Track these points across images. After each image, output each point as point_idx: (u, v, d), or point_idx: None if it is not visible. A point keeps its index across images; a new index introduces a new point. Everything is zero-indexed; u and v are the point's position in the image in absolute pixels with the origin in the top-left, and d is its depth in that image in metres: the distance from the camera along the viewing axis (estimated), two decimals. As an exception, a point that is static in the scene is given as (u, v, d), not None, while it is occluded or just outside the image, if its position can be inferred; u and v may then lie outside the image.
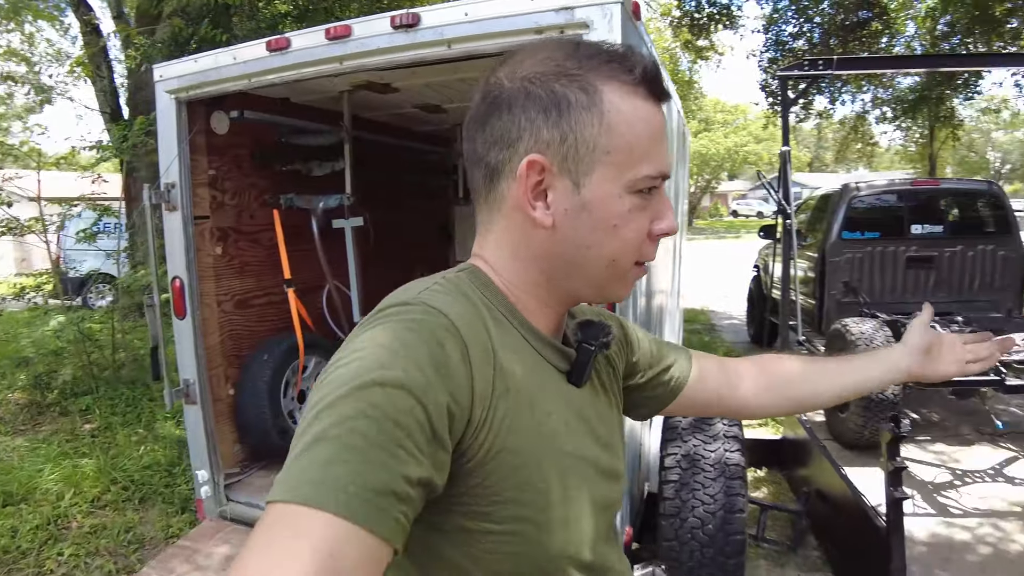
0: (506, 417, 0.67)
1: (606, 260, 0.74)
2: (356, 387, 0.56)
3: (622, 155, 0.71)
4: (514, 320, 0.75)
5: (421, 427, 0.57)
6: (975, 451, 5.05)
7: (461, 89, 3.64)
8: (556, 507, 0.70)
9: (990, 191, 6.37)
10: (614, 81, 0.70)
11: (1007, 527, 3.86)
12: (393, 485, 0.53)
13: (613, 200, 0.72)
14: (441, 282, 0.73)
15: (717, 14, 11.24)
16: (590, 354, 0.80)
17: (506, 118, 0.72)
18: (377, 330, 0.63)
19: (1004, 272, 6.02)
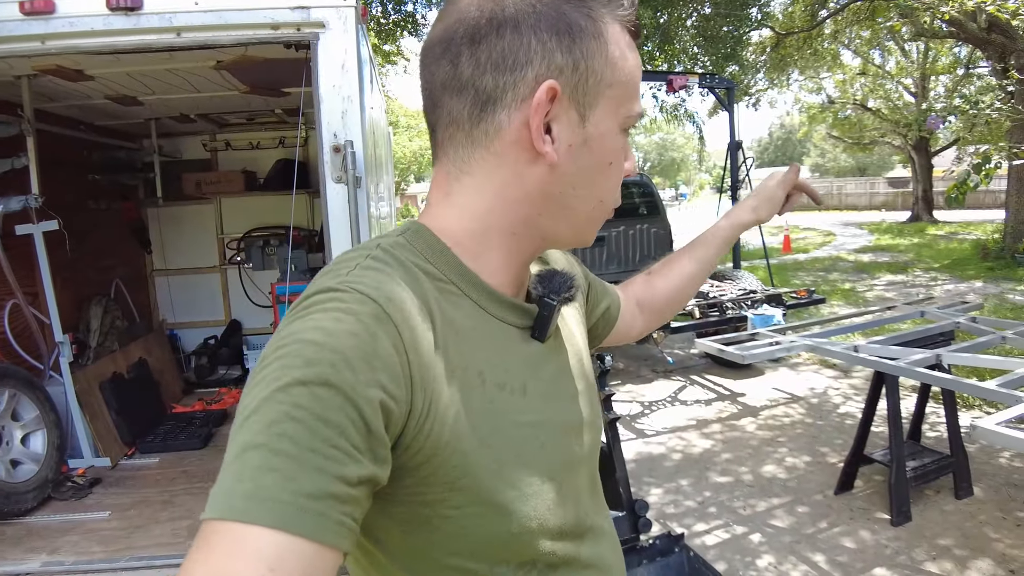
0: (452, 400, 0.62)
1: (596, 200, 0.71)
2: (279, 388, 0.52)
3: (621, 90, 0.67)
4: (466, 285, 0.69)
5: (355, 425, 0.53)
6: (655, 386, 6.32)
7: (166, 80, 3.45)
8: (514, 484, 0.66)
9: (643, 181, 7.80)
10: (615, 12, 0.67)
11: (688, 436, 4.94)
12: (330, 488, 0.50)
13: (611, 136, 0.69)
14: (376, 254, 0.66)
15: (402, 20, 11.74)
16: (552, 308, 0.74)
17: (510, 37, 0.63)
18: (300, 323, 0.58)
19: (658, 244, 7.46)
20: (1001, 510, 3.45)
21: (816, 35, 15.11)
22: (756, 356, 3.21)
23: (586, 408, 0.80)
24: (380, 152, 3.63)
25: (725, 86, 7.65)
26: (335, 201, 2.31)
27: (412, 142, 38.28)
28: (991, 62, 11.54)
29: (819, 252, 16.35)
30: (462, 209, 0.70)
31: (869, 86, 22.61)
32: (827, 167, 47.69)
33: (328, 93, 2.32)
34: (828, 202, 34.76)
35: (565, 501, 0.72)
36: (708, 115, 19.02)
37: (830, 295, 9.58)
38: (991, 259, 12.00)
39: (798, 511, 3.60)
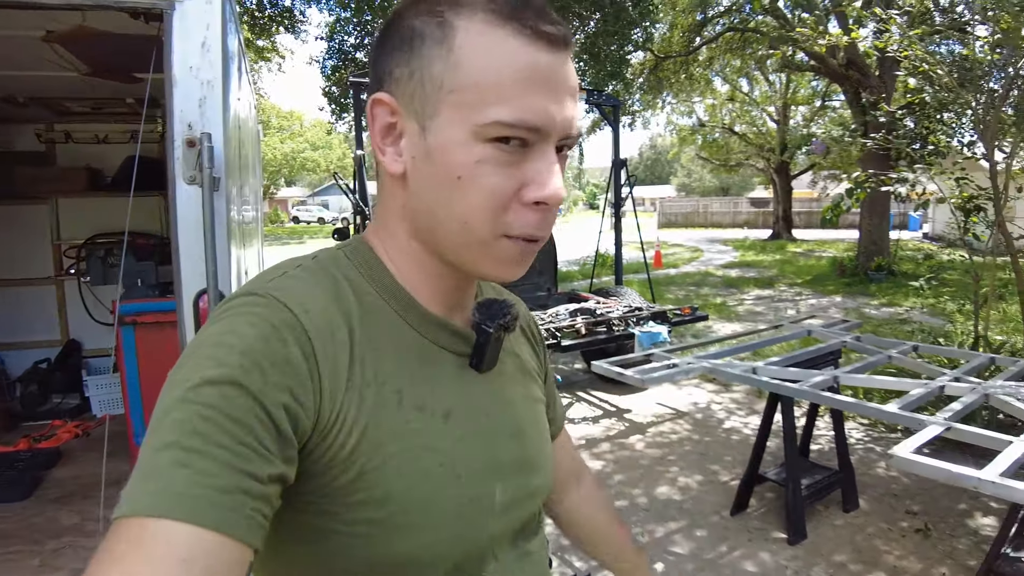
0: (362, 414, 0.62)
1: (456, 222, 0.63)
2: (190, 388, 0.53)
3: (469, 94, 0.60)
4: (396, 302, 0.69)
5: (263, 425, 0.54)
6: None
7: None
8: (412, 510, 0.64)
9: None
10: (476, 12, 0.60)
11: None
12: (241, 483, 0.51)
13: (457, 147, 0.61)
14: (307, 264, 0.68)
15: (279, 15, 11.09)
16: (488, 336, 0.72)
17: (377, 62, 0.67)
18: (218, 325, 0.59)
19: (542, 259, 7.32)
20: (886, 521, 3.51)
21: (692, 60, 15.84)
22: (656, 380, 3.08)
23: (527, 451, 0.77)
24: (247, 152, 3.21)
25: (611, 103, 7.69)
26: (187, 205, 1.92)
27: (284, 144, 36.80)
28: (847, 95, 12.48)
29: (688, 267, 17.01)
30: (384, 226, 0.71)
31: (736, 112, 24.11)
32: (693, 186, 50.47)
33: (183, 76, 1.94)
34: (694, 220, 36.72)
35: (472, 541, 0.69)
36: (587, 132, 19.47)
37: (704, 309, 9.89)
38: (847, 275, 12.93)
39: (696, 535, 3.50)
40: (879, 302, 10.55)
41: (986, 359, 3.34)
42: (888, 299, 10.64)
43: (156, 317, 3.23)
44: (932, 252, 10.80)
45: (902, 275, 12.04)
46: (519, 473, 0.75)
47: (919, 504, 3.68)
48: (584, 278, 13.33)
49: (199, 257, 1.91)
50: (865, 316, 9.26)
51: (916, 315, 8.15)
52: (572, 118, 0.63)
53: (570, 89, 0.63)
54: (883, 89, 10.24)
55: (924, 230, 22.73)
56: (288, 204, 51.49)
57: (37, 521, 3.35)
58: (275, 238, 32.15)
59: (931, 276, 6.60)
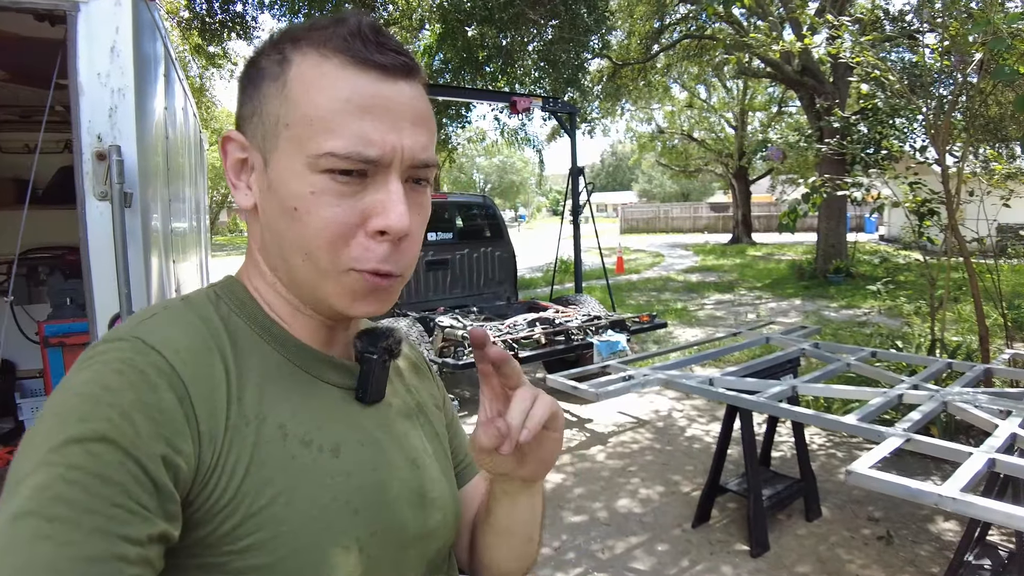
0: (243, 454, 0.59)
1: (296, 252, 0.63)
2: (51, 449, 0.49)
3: (301, 127, 0.60)
4: (271, 338, 0.67)
5: (138, 481, 0.50)
6: None
7: None
8: (307, 551, 0.60)
9: (485, 203, 7.57)
10: (308, 47, 0.62)
11: None
12: (115, 549, 0.47)
13: (293, 178, 0.61)
14: (175, 306, 0.65)
15: (230, 21, 10.82)
16: (372, 364, 0.71)
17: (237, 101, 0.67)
18: (81, 375, 0.55)
19: (501, 268, 7.24)
20: (848, 528, 3.47)
21: (649, 68, 15.94)
22: (610, 393, 2.99)
23: (427, 483, 0.74)
24: (181, 161, 3.03)
25: (568, 111, 7.64)
26: (97, 221, 1.76)
27: (240, 152, 36.17)
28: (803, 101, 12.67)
29: (650, 272, 17.09)
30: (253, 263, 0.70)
31: (695, 118, 24.43)
32: (654, 192, 50.99)
33: (90, 83, 1.78)
34: (655, 226, 37.07)
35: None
36: (547, 140, 19.49)
37: (665, 314, 9.89)
38: (806, 278, 13.10)
39: (658, 549, 3.42)
40: (838, 304, 10.68)
41: (943, 364, 3.33)
42: (847, 301, 10.78)
43: (85, 338, 3.04)
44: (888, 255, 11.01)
45: (860, 277, 12.24)
46: (419, 506, 0.72)
47: (881, 510, 3.65)
48: (547, 285, 13.29)
49: (109, 274, 1.76)
50: (824, 319, 9.35)
51: (875, 317, 8.25)
52: (417, 146, 0.62)
53: (413, 116, 0.62)
54: (837, 95, 10.40)
55: (881, 232, 23.27)
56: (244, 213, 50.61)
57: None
58: (234, 247, 31.54)
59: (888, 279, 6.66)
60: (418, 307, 6.46)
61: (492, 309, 6.65)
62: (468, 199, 8.47)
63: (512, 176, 55.20)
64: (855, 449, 4.58)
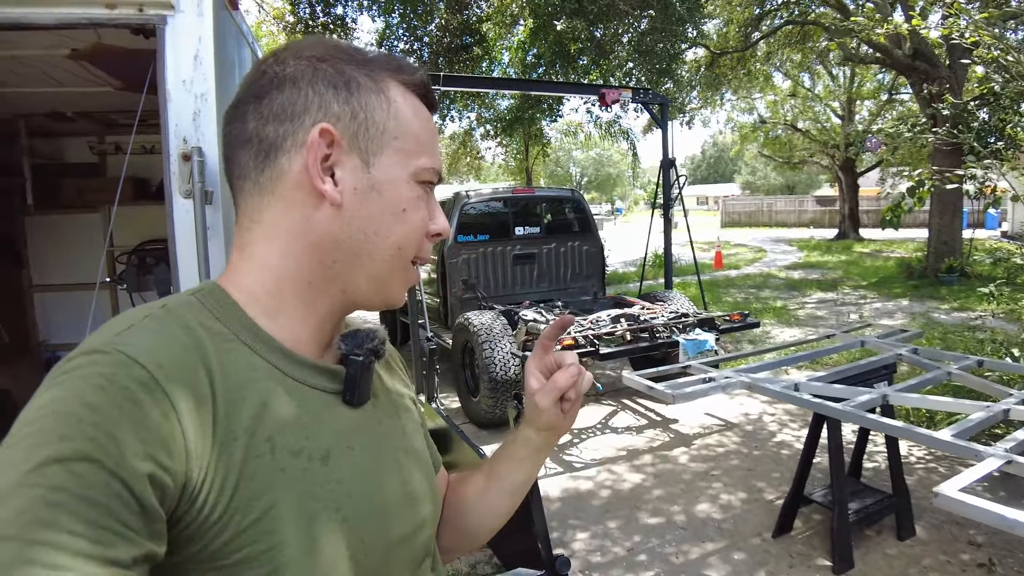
0: (232, 469, 0.58)
1: (392, 247, 0.70)
2: (31, 470, 0.48)
3: (410, 143, 0.71)
4: (258, 345, 0.66)
5: (123, 501, 0.49)
6: (584, 411, 5.90)
7: (16, 70, 2.94)
8: (298, 562, 0.60)
9: (573, 197, 7.53)
10: (398, 77, 0.72)
11: (618, 470, 4.59)
12: (100, 572, 0.46)
13: (402, 184, 0.70)
14: (155, 314, 0.63)
15: (331, 24, 11.26)
16: (359, 366, 0.72)
17: (289, 91, 0.67)
18: (58, 390, 0.53)
19: (589, 263, 7.19)
20: (945, 552, 3.23)
21: (749, 56, 15.35)
22: (688, 396, 2.91)
23: (411, 482, 0.76)
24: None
25: (659, 102, 7.48)
26: (182, 217, 1.89)
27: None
28: (914, 88, 11.84)
29: (750, 268, 16.50)
30: (255, 261, 0.69)
31: (799, 108, 23.30)
32: (757, 185, 49.16)
33: (176, 90, 1.90)
34: (758, 219, 35.71)
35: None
36: (643, 132, 19.14)
37: (762, 313, 9.53)
38: (916, 278, 12.28)
39: (734, 558, 3.31)
40: (949, 306, 9.95)
41: (1060, 377, 3.04)
42: (959, 303, 10.02)
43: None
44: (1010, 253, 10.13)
45: (976, 277, 11.34)
46: (407, 505, 0.74)
47: (984, 534, 3.37)
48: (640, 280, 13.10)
49: (193, 268, 1.88)
50: (933, 321, 8.74)
51: (989, 321, 7.62)
52: None
53: None
54: (953, 80, 9.66)
55: (1003, 228, 21.45)
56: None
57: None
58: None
59: (1004, 279, 6.12)
60: (504, 300, 6.53)
61: (577, 304, 6.61)
62: (556, 193, 8.46)
63: (609, 169, 54.59)
64: (959, 465, 4.26)
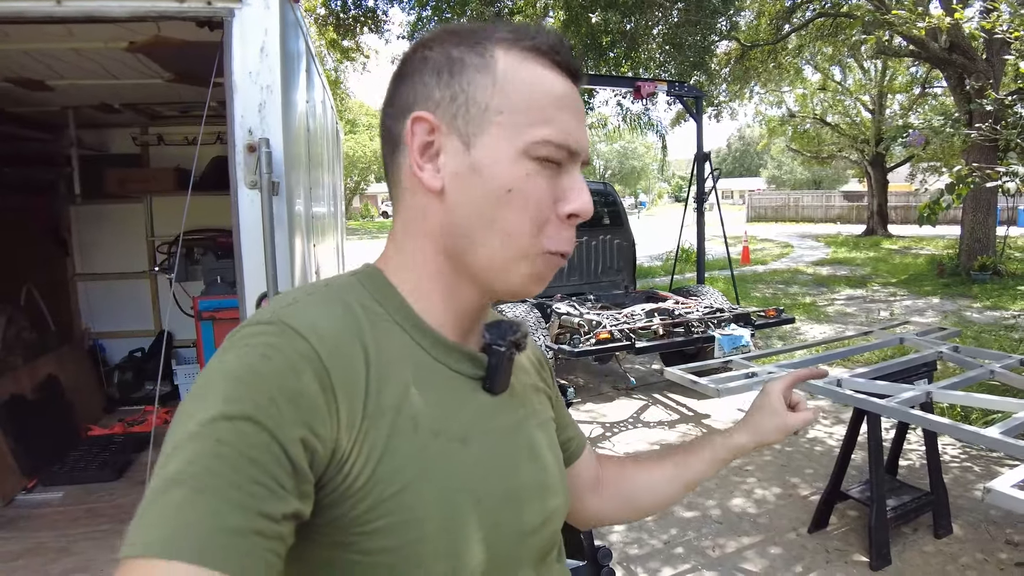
0: (378, 443, 0.61)
1: (501, 233, 0.67)
2: (204, 423, 0.52)
3: (519, 115, 0.66)
4: (409, 327, 0.69)
5: (279, 462, 0.53)
6: (616, 405, 5.94)
7: (75, 63, 3.02)
8: (434, 538, 0.63)
9: (606, 191, 7.52)
10: (514, 46, 0.67)
11: None
12: (254, 524, 0.49)
13: (507, 162, 0.66)
14: (320, 291, 0.68)
15: (363, 16, 11.33)
16: (500, 356, 0.73)
17: (405, 86, 0.70)
18: (230, 356, 0.58)
19: (620, 257, 7.19)
20: (982, 551, 3.23)
21: (780, 49, 15.18)
22: (731, 390, 2.93)
23: (544, 473, 0.76)
24: (319, 151, 3.25)
25: (694, 95, 7.44)
26: (248, 208, 1.94)
27: (372, 141, 37.73)
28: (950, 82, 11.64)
29: (777, 264, 16.37)
30: (398, 248, 0.73)
31: (828, 101, 22.99)
32: (783, 179, 48.59)
33: (243, 81, 1.96)
34: (784, 214, 35.35)
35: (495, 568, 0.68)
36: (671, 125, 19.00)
37: (791, 309, 9.47)
38: (947, 275, 12.10)
39: (770, 552, 3.33)
40: (982, 305, 9.81)
41: (1106, 377, 3.01)
42: (992, 302, 9.88)
43: (233, 313, 3.34)
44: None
45: (1010, 276, 11.15)
46: (538, 496, 0.75)
47: (1021, 534, 3.36)
48: (667, 274, 13.04)
49: (260, 259, 1.94)
50: (966, 320, 8.63)
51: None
52: (587, 142, 0.71)
53: (584, 117, 0.71)
54: (991, 74, 9.49)
55: (1039, 226, 21.04)
56: (378, 199, 52.92)
57: (124, 502, 3.53)
58: (365, 232, 33.15)
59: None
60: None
61: (609, 298, 6.63)
62: (588, 186, 8.44)
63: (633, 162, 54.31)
64: (994, 465, 4.23)
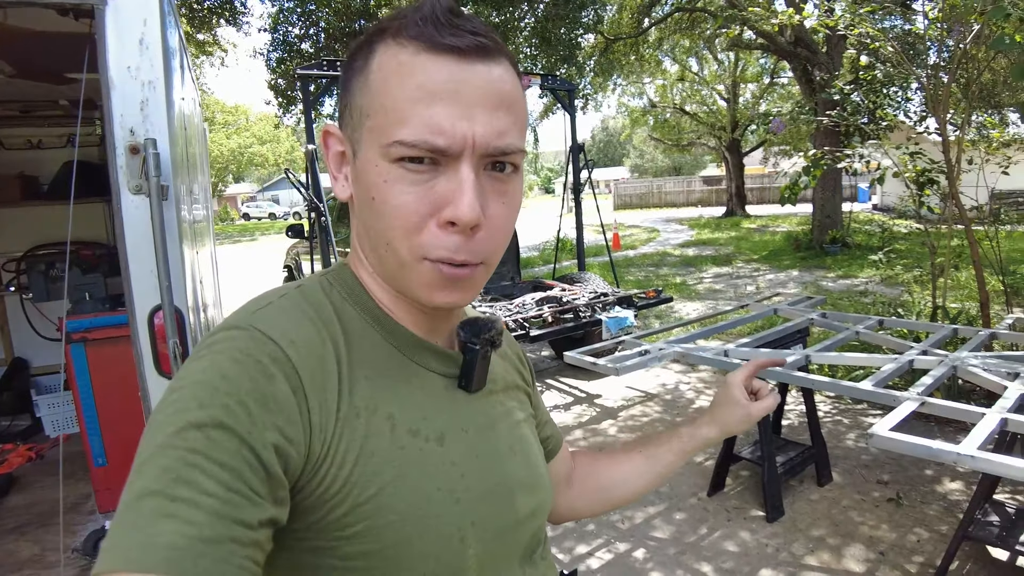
0: (353, 445, 0.60)
1: (382, 242, 0.64)
2: (174, 432, 0.51)
3: (378, 118, 0.61)
4: (381, 327, 0.69)
5: (252, 468, 0.52)
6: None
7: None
8: (415, 540, 0.62)
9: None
10: (388, 37, 0.62)
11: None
12: (230, 532, 0.48)
13: (371, 168, 0.62)
14: (290, 294, 0.66)
15: (219, 7, 10.71)
16: (475, 353, 0.72)
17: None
18: (200, 362, 0.57)
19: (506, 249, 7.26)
20: (859, 492, 3.57)
21: (641, 42, 15.86)
22: (628, 368, 3.04)
23: (524, 469, 0.76)
24: (193, 151, 3.05)
25: (567, 88, 7.63)
26: (133, 215, 1.79)
27: (230, 139, 35.93)
28: (795, 72, 12.64)
29: (646, 248, 17.12)
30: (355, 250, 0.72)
31: (687, 91, 24.32)
32: (646, 167, 50.90)
33: (121, 77, 1.80)
34: (649, 201, 37.06)
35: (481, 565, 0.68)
36: (540, 117, 19.38)
37: (666, 289, 9.95)
38: (802, 250, 13.18)
39: (676, 518, 3.51)
40: (835, 275, 10.77)
41: (949, 330, 3.40)
42: (844, 271, 10.87)
43: (107, 332, 3.07)
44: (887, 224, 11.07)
45: (856, 247, 12.31)
46: (518, 493, 0.74)
47: (889, 473, 3.75)
48: (545, 263, 13.32)
49: (151, 270, 1.79)
50: (823, 289, 9.44)
51: (873, 287, 8.34)
52: (492, 132, 0.60)
53: (489, 100, 0.60)
54: (831, 66, 10.40)
55: (874, 202, 23.34)
56: (237, 201, 50.38)
57: (-9, 556, 3.17)
58: (226, 236, 31.41)
59: (887, 248, 6.74)
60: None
61: (498, 290, 6.69)
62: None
63: (503, 155, 54.79)
64: (860, 416, 4.68)
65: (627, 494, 1.00)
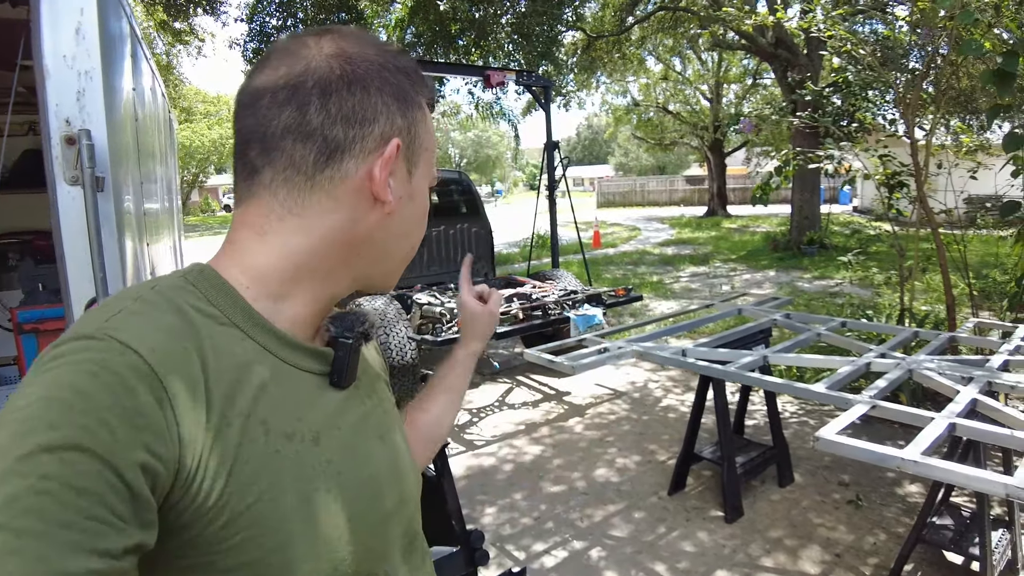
0: (227, 454, 0.58)
1: (411, 247, 0.79)
2: (20, 458, 0.46)
3: (431, 155, 0.77)
4: (252, 329, 0.66)
5: (115, 490, 0.48)
6: (481, 390, 6.02)
7: None
8: (296, 542, 0.61)
9: (461, 180, 7.54)
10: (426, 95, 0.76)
11: (518, 444, 4.71)
12: (89, 564, 0.45)
13: (427, 192, 0.78)
14: (145, 297, 0.61)
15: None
16: (348, 348, 0.73)
17: (361, 96, 0.68)
18: (48, 376, 0.52)
19: (478, 245, 7.24)
20: (820, 493, 3.59)
21: (624, 40, 15.86)
22: (586, 366, 3.03)
23: (395, 457, 0.78)
24: (150, 141, 2.99)
25: (542, 84, 7.60)
26: (69, 206, 1.75)
27: (212, 130, 35.50)
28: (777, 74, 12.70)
29: (627, 246, 17.18)
30: (278, 248, 0.69)
31: (670, 91, 24.38)
32: (630, 166, 51.01)
33: (56, 66, 1.75)
34: (632, 199, 37.14)
35: (364, 560, 0.69)
36: (522, 114, 19.36)
37: (641, 287, 9.98)
38: (780, 250, 13.27)
39: (635, 517, 3.51)
40: (811, 276, 10.86)
41: (910, 333, 3.42)
42: (820, 272, 10.96)
43: (60, 324, 3.02)
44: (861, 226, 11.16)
45: (834, 248, 12.42)
46: (393, 479, 0.76)
47: (850, 475, 3.77)
48: (524, 260, 13.31)
49: (87, 261, 1.75)
50: (798, 290, 9.51)
51: (847, 288, 8.40)
52: None
53: None
54: (811, 68, 10.46)
55: (854, 204, 23.56)
56: (219, 192, 49.85)
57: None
58: (206, 227, 31.10)
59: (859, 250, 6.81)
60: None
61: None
62: (444, 175, 8.43)
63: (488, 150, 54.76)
64: (827, 417, 4.70)
65: (445, 431, 1.09)
